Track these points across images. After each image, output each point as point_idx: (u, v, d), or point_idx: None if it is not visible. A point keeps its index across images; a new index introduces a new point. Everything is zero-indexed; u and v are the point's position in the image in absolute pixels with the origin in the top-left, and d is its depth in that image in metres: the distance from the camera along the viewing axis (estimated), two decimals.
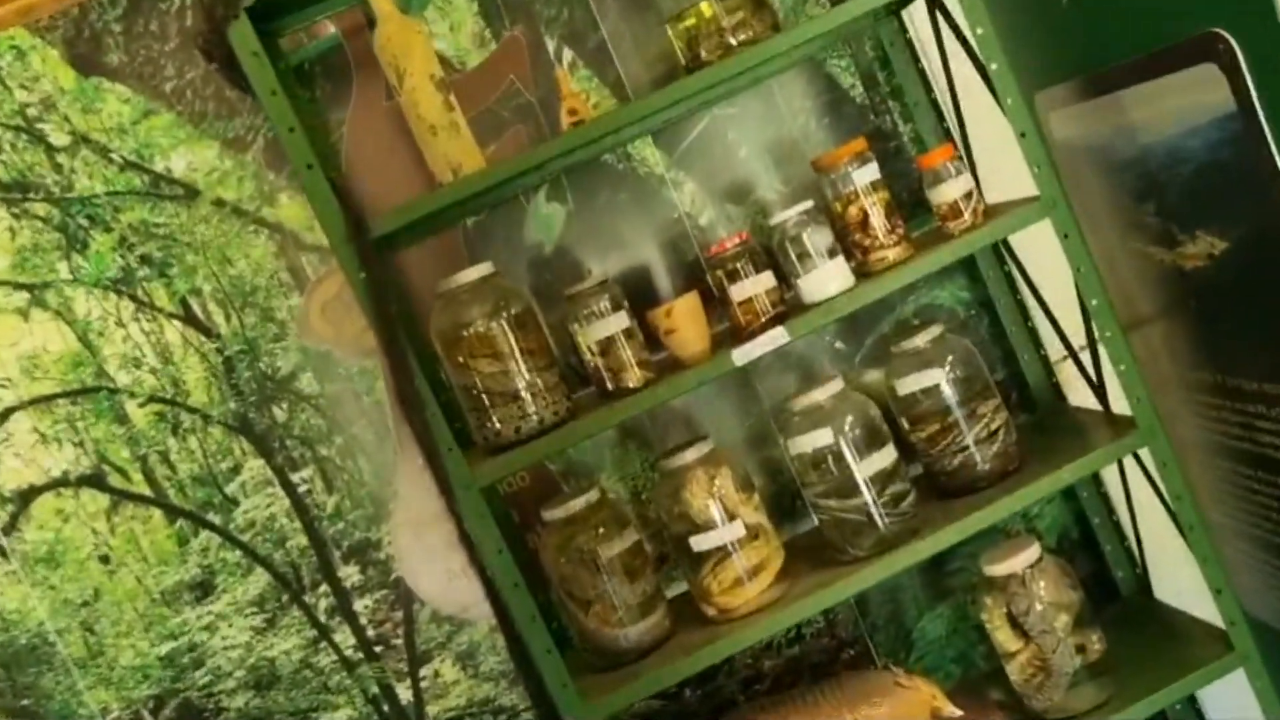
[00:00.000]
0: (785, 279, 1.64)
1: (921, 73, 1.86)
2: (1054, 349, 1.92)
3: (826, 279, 1.61)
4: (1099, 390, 1.75)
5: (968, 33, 1.56)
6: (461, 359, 1.58)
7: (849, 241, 1.66)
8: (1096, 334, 1.63)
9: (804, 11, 1.89)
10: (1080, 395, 1.89)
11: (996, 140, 1.74)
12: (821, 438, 1.63)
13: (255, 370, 1.85)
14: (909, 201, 1.87)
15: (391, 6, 1.56)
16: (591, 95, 1.87)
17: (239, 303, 1.84)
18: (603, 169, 1.89)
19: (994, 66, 1.56)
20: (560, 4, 1.86)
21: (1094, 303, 1.61)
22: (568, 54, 1.88)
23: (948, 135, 1.87)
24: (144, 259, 1.83)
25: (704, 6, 1.60)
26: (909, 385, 1.70)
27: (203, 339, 1.84)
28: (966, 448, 1.68)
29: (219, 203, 1.83)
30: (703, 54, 1.61)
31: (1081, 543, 1.98)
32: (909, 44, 1.86)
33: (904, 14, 1.84)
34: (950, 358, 1.69)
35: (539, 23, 1.86)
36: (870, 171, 1.63)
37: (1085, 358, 1.77)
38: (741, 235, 1.62)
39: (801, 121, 1.91)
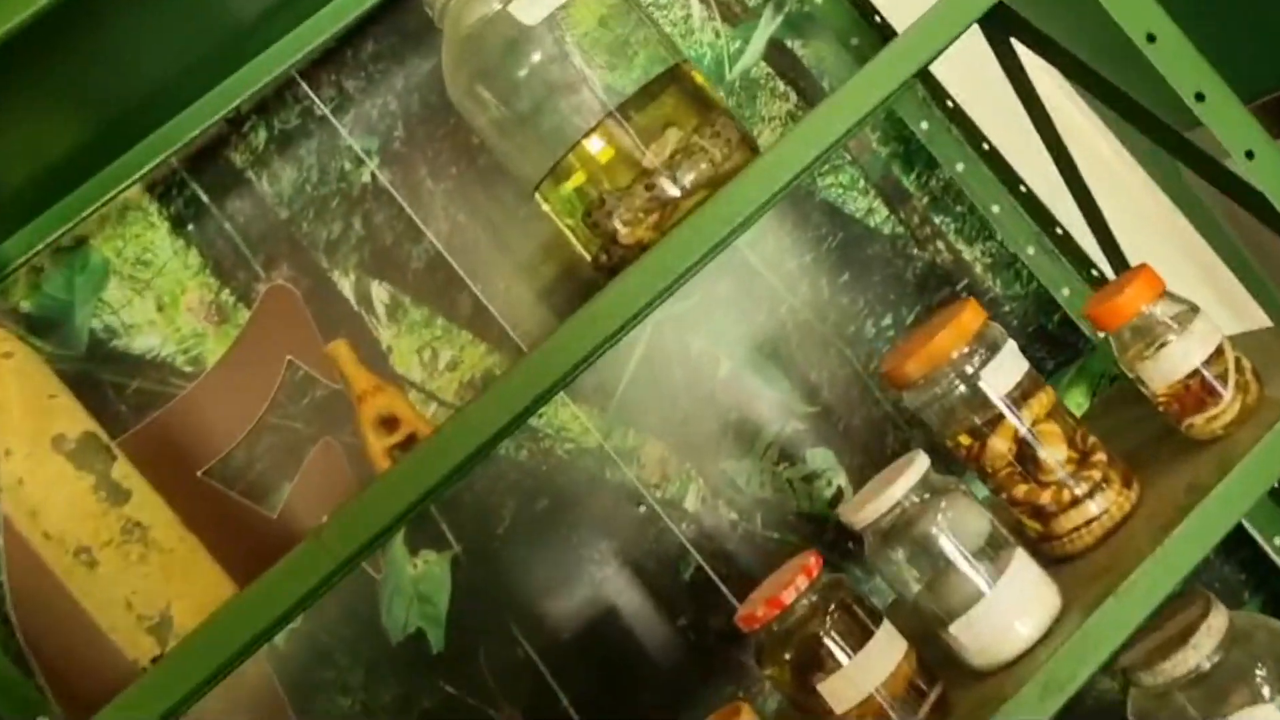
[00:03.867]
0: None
1: (989, 155, 1.06)
2: None
3: (1010, 613, 0.76)
4: None
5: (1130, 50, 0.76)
6: None
7: (1003, 503, 0.83)
8: None
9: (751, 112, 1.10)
10: None
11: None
12: None
13: None
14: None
15: None
16: (440, 350, 1.05)
17: None
18: (495, 466, 1.05)
19: (1209, 97, 0.76)
20: (345, 210, 1.05)
21: None
22: (380, 290, 1.05)
23: (1063, 244, 1.07)
24: None
25: (585, 146, 0.78)
26: None
27: None
28: None
29: None
30: (621, 232, 0.79)
31: None
32: (954, 115, 1.07)
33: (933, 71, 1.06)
34: (1264, 670, 0.85)
35: (317, 253, 1.04)
36: (1011, 363, 0.81)
37: None
38: (808, 567, 0.77)
39: (804, 292, 1.10)
